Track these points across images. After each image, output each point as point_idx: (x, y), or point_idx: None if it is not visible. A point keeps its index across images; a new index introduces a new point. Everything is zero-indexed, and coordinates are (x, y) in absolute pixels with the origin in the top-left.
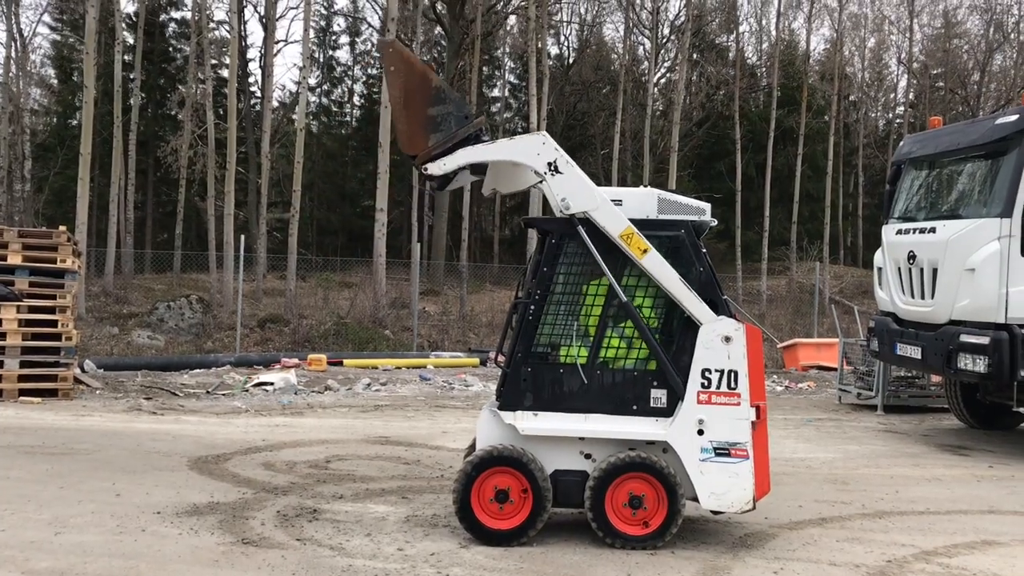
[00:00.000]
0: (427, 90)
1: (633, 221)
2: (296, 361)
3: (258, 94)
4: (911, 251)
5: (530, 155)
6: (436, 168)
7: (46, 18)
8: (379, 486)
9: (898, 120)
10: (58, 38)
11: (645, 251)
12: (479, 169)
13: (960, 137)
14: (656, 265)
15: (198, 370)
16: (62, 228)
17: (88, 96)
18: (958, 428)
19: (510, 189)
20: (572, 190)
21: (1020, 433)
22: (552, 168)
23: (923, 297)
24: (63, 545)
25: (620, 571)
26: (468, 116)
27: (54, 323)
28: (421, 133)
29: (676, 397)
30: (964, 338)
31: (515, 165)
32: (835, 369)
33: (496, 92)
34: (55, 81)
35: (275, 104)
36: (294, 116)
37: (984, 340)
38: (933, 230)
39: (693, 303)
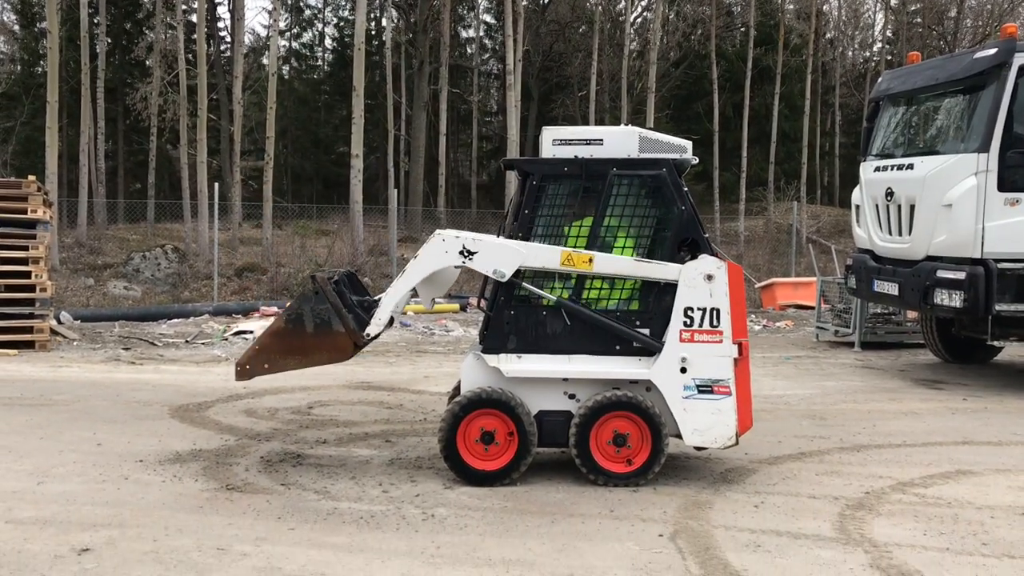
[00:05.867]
0: (295, 332)
1: (614, 160)
2: (275, 309)
3: (228, 39)
4: (889, 188)
5: (442, 258)
6: (374, 328)
7: None
8: (362, 430)
9: (875, 59)
10: None
11: (591, 260)
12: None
13: (938, 72)
14: (607, 264)
15: (176, 320)
16: (31, 178)
17: (53, 42)
18: (933, 363)
19: (444, 290)
20: (495, 259)
21: (993, 366)
22: (466, 253)
23: (900, 234)
24: (46, 494)
25: (603, 507)
26: (318, 291)
27: (27, 274)
28: (334, 337)
29: (659, 336)
30: (941, 274)
31: (434, 273)
32: (812, 308)
33: (471, 33)
34: (17, 27)
35: (246, 49)
36: (264, 61)
37: (960, 275)
38: (911, 166)
39: (658, 271)
